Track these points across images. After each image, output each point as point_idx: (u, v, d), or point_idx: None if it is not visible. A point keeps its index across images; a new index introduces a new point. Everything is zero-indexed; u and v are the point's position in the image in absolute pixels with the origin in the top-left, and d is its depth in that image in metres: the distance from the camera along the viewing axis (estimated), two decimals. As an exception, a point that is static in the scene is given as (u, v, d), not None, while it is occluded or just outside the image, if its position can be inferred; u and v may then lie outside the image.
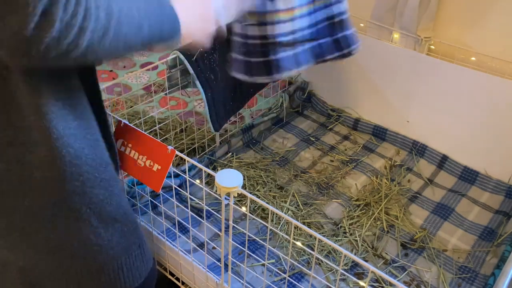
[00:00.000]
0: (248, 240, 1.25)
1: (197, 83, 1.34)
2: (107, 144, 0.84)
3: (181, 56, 1.31)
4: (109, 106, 1.73)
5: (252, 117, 1.75)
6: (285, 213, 1.33)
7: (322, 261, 1.21)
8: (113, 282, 0.88)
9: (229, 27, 0.92)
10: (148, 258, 0.95)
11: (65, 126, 0.72)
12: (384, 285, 1.16)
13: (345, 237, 1.29)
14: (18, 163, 0.71)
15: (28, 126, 0.69)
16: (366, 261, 1.23)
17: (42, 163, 0.71)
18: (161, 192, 0.99)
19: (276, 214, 1.31)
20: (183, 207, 1.06)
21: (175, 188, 1.02)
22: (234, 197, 0.84)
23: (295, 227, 1.29)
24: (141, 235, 0.93)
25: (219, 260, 1.16)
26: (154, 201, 1.24)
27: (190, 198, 1.00)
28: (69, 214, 0.77)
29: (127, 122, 0.95)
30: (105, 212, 0.82)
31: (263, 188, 1.42)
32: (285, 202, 1.38)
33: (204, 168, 0.87)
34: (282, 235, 1.21)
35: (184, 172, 1.26)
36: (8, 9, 0.49)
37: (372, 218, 1.34)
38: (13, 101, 0.67)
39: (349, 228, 1.31)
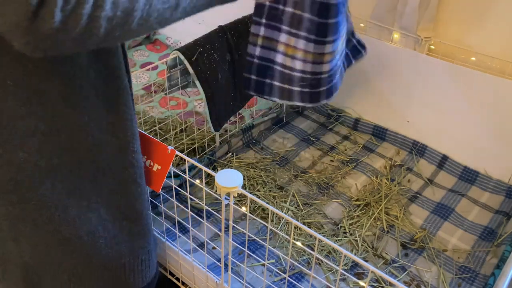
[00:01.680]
0: (248, 240, 1.25)
1: (197, 83, 1.34)
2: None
3: (181, 56, 1.31)
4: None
5: (252, 117, 1.75)
6: (285, 213, 1.33)
7: (322, 261, 1.21)
8: (115, 281, 0.88)
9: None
10: (153, 264, 0.95)
11: (94, 118, 0.74)
12: (384, 285, 1.16)
13: (345, 237, 1.29)
14: (38, 152, 0.71)
15: (52, 115, 0.70)
16: (366, 261, 1.23)
17: (61, 150, 0.73)
18: (161, 192, 0.99)
19: (276, 214, 1.31)
20: (183, 207, 1.06)
21: (175, 188, 1.02)
22: (234, 197, 0.84)
23: (295, 227, 1.29)
24: (151, 241, 0.92)
25: (219, 260, 1.16)
26: (154, 201, 1.24)
27: (190, 198, 1.00)
28: (81, 203, 0.78)
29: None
30: (115, 206, 0.82)
31: (263, 188, 1.42)
32: (285, 202, 1.38)
33: (204, 168, 0.88)
34: (282, 235, 1.21)
35: (184, 172, 1.26)
36: (3, 2, 0.47)
37: (372, 218, 1.34)
38: (39, 89, 0.67)
39: (349, 228, 1.31)
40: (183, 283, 1.17)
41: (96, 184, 0.79)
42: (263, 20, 1.08)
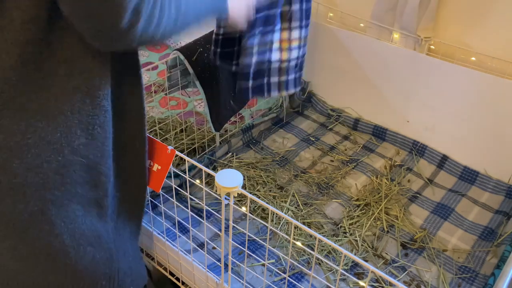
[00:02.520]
0: (248, 240, 1.25)
1: (197, 83, 1.34)
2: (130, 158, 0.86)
3: (181, 56, 1.31)
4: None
5: (252, 117, 1.75)
6: (285, 213, 1.33)
7: (322, 261, 1.21)
8: None
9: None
10: None
11: (66, 135, 0.73)
12: (384, 285, 1.16)
13: (345, 237, 1.29)
14: (1, 168, 0.70)
15: (25, 130, 0.69)
16: (366, 261, 1.23)
17: (28, 169, 0.71)
18: (161, 192, 0.99)
19: (276, 214, 1.31)
20: (183, 207, 1.06)
21: (175, 188, 1.02)
22: (234, 197, 0.84)
23: (295, 227, 1.29)
24: (114, 268, 0.89)
25: (219, 260, 1.16)
26: (154, 201, 1.24)
27: (190, 198, 1.00)
28: (43, 226, 0.76)
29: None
30: (79, 231, 0.80)
31: (263, 188, 1.42)
32: (285, 202, 1.38)
33: (204, 168, 0.87)
34: (282, 235, 1.21)
35: (184, 172, 1.26)
36: (105, 7, 0.59)
37: (372, 218, 1.34)
38: (15, 102, 0.67)
39: (349, 228, 1.31)
40: (183, 283, 1.17)
41: (61, 208, 0.76)
42: (257, 30, 1.07)
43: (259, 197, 1.37)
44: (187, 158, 0.92)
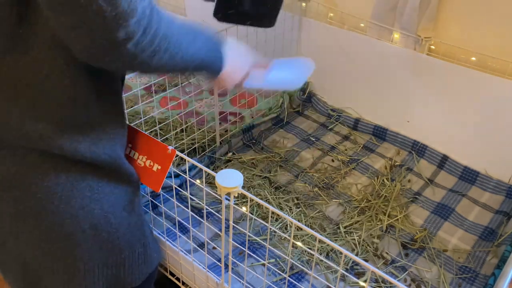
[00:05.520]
0: (248, 240, 1.25)
1: None
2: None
3: None
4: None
5: (252, 117, 1.75)
6: (285, 213, 1.33)
7: (322, 261, 1.21)
8: (115, 279, 0.88)
9: None
10: (150, 261, 0.95)
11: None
12: (384, 285, 1.16)
13: (345, 237, 1.29)
14: (40, 150, 0.74)
15: (59, 119, 0.73)
16: (366, 261, 1.23)
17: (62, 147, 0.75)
18: (162, 192, 0.99)
19: (277, 214, 1.30)
20: (183, 207, 1.06)
21: (176, 188, 1.02)
22: (235, 197, 0.84)
23: (295, 227, 1.29)
24: (146, 234, 0.93)
25: (219, 260, 1.16)
26: (155, 201, 1.24)
27: (191, 198, 1.00)
28: (85, 193, 0.79)
29: (127, 122, 0.95)
30: (113, 197, 0.84)
31: (263, 188, 1.42)
32: (285, 202, 1.38)
33: (204, 168, 0.87)
34: (282, 235, 1.21)
35: (184, 172, 1.26)
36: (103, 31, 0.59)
37: (372, 219, 1.34)
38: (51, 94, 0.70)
39: (349, 228, 1.31)
40: (183, 283, 1.17)
41: (97, 172, 0.80)
42: None
43: (259, 197, 1.37)
44: (187, 158, 0.92)
